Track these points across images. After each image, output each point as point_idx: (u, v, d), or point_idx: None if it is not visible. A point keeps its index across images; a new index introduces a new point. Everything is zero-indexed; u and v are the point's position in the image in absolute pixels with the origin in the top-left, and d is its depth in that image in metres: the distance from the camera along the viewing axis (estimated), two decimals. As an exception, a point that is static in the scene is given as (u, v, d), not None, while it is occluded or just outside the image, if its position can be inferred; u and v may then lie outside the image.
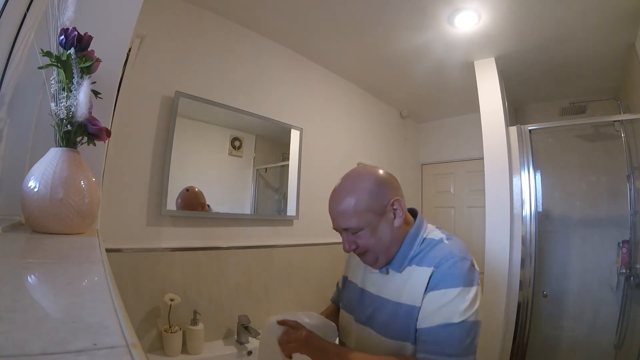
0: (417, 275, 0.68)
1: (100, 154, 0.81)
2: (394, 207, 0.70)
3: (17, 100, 0.71)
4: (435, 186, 2.98)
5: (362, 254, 0.72)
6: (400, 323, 0.68)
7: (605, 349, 1.85)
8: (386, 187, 0.71)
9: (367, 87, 2.40)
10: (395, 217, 0.71)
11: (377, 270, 0.75)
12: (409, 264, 0.71)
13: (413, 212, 0.79)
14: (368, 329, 0.74)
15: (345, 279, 0.90)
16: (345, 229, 0.70)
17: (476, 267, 0.69)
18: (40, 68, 0.62)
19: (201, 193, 1.46)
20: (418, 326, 0.66)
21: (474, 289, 0.65)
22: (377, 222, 0.69)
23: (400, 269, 0.71)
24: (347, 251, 0.73)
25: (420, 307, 0.66)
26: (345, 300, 0.85)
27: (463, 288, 0.63)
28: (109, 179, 1.09)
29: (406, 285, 0.69)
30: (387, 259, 0.72)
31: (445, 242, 0.71)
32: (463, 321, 0.61)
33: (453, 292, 0.63)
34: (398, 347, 0.68)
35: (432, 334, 0.63)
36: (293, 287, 1.77)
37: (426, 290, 0.66)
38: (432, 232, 0.75)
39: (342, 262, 2.07)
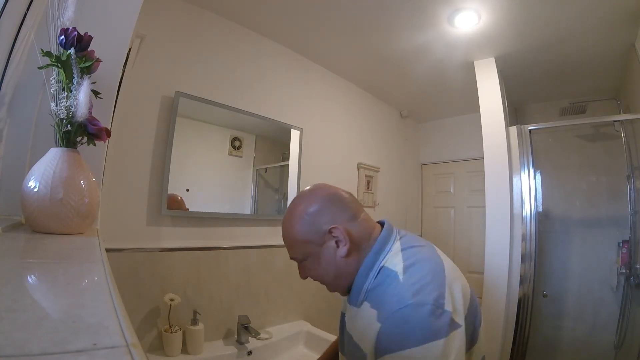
0: (368, 321, 0.55)
1: (100, 154, 0.81)
2: (333, 234, 0.60)
3: (17, 100, 0.71)
4: (435, 186, 2.98)
5: (320, 282, 0.65)
6: None
7: (605, 349, 1.85)
8: (324, 212, 0.61)
9: (367, 87, 2.40)
10: (338, 247, 0.60)
11: None
12: (365, 298, 0.59)
13: (382, 225, 0.67)
14: None
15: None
16: (292, 258, 0.65)
17: (446, 306, 0.50)
18: (40, 68, 0.62)
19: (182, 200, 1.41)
20: None
21: (439, 343, 0.47)
22: (318, 251, 0.61)
23: (357, 304, 0.60)
24: (303, 278, 0.67)
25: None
26: None
27: (418, 347, 0.47)
28: (109, 179, 1.09)
29: (363, 326, 0.57)
30: (342, 291, 0.64)
31: (400, 278, 0.54)
32: None
33: (406, 354, 0.47)
34: None
35: None
36: (293, 287, 1.77)
37: (376, 351, 0.52)
38: (393, 257, 0.59)
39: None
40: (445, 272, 0.56)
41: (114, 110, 0.85)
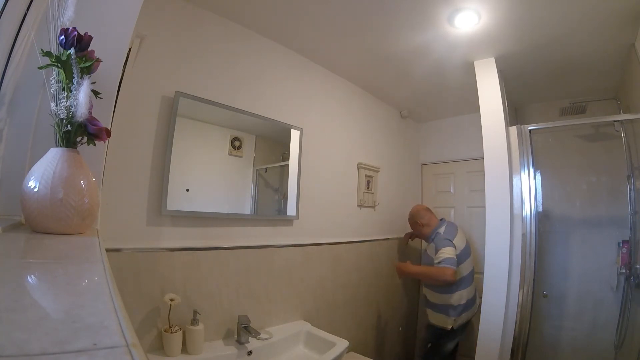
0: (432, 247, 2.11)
1: (100, 154, 0.81)
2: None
3: (17, 100, 0.71)
4: (435, 186, 2.98)
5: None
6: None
7: (605, 349, 1.85)
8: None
9: (367, 87, 2.40)
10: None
11: None
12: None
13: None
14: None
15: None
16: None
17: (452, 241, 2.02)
18: (40, 68, 0.62)
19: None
20: None
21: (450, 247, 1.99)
22: None
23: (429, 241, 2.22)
24: None
25: None
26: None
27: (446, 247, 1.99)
28: (109, 179, 1.09)
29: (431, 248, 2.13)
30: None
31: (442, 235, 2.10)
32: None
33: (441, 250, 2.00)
34: None
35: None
36: (293, 287, 1.78)
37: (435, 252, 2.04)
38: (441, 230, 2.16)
39: (342, 261, 2.08)
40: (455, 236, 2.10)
41: (114, 110, 0.85)
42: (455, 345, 2.07)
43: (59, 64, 0.60)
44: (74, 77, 0.60)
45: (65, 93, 0.60)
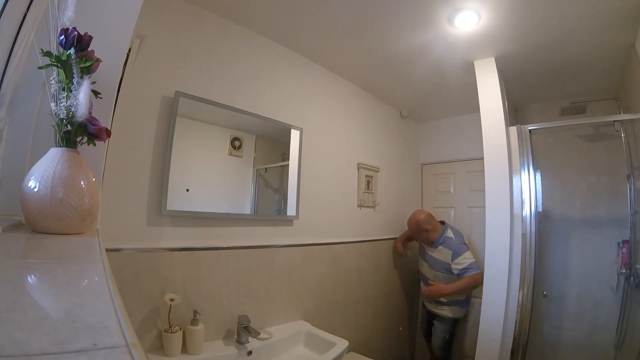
0: (445, 252, 2.22)
1: (100, 154, 0.81)
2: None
3: (17, 100, 0.71)
4: (435, 186, 2.98)
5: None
6: None
7: (605, 349, 1.85)
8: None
9: (367, 87, 2.40)
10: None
11: None
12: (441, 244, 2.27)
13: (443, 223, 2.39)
14: None
15: None
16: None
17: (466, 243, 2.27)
18: (40, 68, 0.62)
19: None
20: None
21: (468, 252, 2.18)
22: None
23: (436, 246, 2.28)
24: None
25: None
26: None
27: (465, 252, 2.16)
28: (109, 179, 1.09)
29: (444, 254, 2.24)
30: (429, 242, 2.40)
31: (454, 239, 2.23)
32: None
33: (461, 256, 2.14)
34: None
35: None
36: (293, 287, 1.78)
37: (452, 258, 2.16)
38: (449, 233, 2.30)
39: (342, 261, 2.08)
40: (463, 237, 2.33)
41: (114, 110, 0.85)
42: None
43: (59, 64, 0.60)
44: (74, 77, 0.60)
45: (65, 93, 0.60)
